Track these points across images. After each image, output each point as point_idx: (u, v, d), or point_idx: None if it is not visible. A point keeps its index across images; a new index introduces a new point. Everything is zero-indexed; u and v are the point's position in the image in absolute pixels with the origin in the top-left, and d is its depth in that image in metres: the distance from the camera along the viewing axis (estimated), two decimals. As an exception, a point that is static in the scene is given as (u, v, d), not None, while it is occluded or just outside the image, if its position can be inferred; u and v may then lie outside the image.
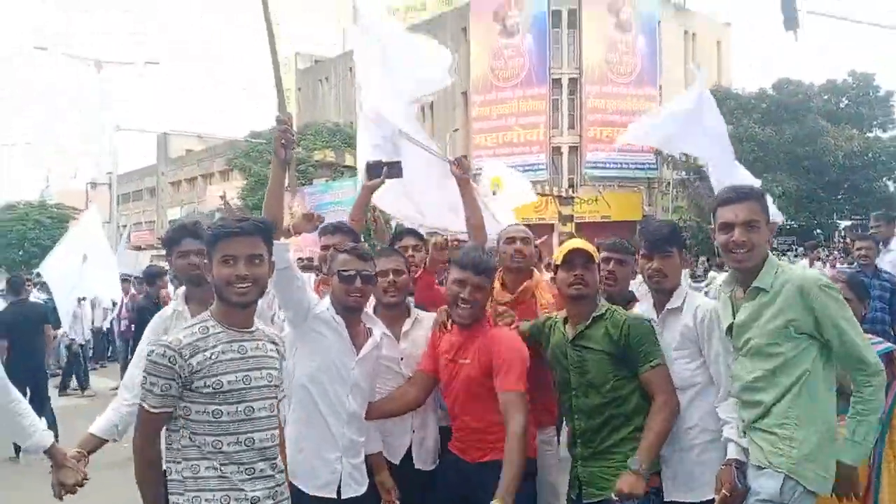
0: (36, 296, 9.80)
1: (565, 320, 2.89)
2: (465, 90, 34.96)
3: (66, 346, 10.96)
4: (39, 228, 43.20)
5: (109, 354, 14.29)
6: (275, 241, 2.36)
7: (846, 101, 30.64)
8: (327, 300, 2.84)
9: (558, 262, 2.84)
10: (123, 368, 9.38)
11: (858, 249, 5.75)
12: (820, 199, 29.26)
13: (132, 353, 3.06)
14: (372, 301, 3.03)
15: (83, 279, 8.46)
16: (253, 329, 2.26)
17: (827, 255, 18.14)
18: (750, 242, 2.44)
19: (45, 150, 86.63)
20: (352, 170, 21.03)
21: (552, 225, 28.97)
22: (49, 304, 8.60)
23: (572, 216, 28.86)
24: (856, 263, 6.01)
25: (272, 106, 46.88)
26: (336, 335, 2.74)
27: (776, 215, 5.78)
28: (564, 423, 2.97)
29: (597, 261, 2.87)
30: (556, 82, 33.12)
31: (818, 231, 29.46)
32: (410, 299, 3.30)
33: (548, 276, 3.55)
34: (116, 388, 3.70)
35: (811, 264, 12.79)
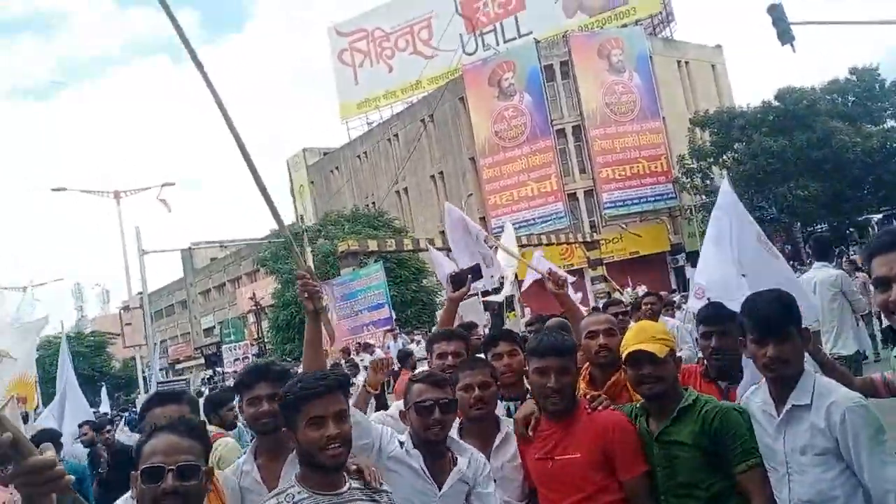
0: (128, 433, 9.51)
1: (645, 412, 2.60)
2: (472, 156, 35.55)
3: None
4: (79, 359, 43.80)
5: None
6: None
7: (853, 99, 30.54)
8: (405, 435, 2.62)
9: (624, 361, 2.57)
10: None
11: None
12: (848, 198, 28.80)
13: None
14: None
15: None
16: (344, 489, 2.11)
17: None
18: None
19: (75, 281, 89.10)
20: (376, 255, 21.15)
21: (581, 270, 28.75)
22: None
23: (601, 259, 28.58)
24: None
25: (288, 204, 47.91)
26: (412, 472, 2.53)
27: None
28: None
29: (662, 354, 2.49)
30: (560, 132, 33.58)
31: (851, 230, 28.86)
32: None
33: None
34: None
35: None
